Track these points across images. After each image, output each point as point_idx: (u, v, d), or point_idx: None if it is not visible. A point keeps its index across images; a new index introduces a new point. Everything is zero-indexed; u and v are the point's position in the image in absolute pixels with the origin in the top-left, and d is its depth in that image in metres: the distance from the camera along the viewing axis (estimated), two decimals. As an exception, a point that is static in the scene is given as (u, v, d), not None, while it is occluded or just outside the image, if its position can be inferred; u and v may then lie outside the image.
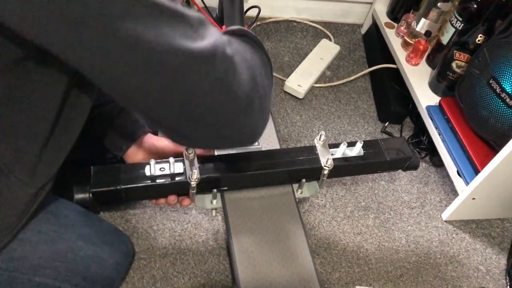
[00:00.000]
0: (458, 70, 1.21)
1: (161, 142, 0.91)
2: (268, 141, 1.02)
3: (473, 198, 1.09)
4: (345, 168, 0.92)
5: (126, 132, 0.89)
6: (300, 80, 1.40)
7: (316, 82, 1.45)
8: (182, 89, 0.49)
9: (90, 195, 0.81)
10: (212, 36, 0.51)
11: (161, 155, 0.88)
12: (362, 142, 0.91)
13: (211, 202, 0.93)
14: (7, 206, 0.65)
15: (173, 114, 0.52)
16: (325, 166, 0.89)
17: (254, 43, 0.61)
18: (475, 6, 1.19)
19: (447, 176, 1.22)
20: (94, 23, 0.42)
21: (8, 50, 0.50)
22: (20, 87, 0.55)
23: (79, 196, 0.81)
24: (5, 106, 0.57)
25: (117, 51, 0.44)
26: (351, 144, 0.93)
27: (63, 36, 0.43)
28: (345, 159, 0.91)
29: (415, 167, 0.98)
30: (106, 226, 0.86)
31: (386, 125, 1.36)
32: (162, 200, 0.88)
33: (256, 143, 1.09)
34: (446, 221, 1.18)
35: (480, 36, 1.14)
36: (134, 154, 0.89)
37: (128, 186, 0.81)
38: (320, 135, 0.92)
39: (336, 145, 0.93)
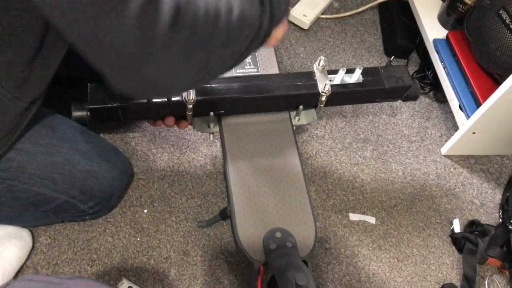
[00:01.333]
0: (468, 2, 1.16)
1: None
2: (267, 67, 1.01)
3: (473, 133, 1.09)
4: (343, 95, 0.92)
5: None
6: (306, 10, 1.37)
7: (322, 13, 1.41)
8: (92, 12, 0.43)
9: (88, 112, 0.82)
10: None
11: None
12: (362, 68, 0.90)
13: (209, 126, 0.94)
14: None
15: (89, 51, 0.47)
16: (322, 92, 0.88)
17: None
18: None
19: (449, 112, 1.21)
20: None
21: None
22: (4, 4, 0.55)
23: (77, 113, 0.82)
24: None
25: None
26: (350, 71, 0.91)
27: None
28: (344, 85, 0.91)
29: (414, 97, 0.97)
30: (104, 144, 0.88)
31: (391, 59, 1.34)
32: (159, 122, 0.89)
33: (255, 69, 1.08)
34: (445, 156, 1.18)
35: (495, -36, 1.09)
36: None
37: (124, 104, 0.81)
38: (319, 61, 0.90)
39: (335, 72, 0.92)
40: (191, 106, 0.84)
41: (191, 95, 0.82)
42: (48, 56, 0.66)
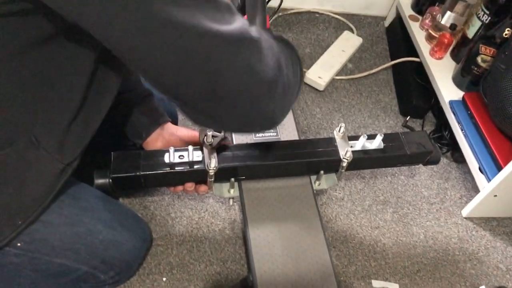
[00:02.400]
0: (483, 65, 1.18)
1: (181, 131, 0.91)
2: (287, 132, 1.02)
3: (495, 195, 1.07)
4: (364, 161, 0.91)
5: (147, 120, 0.90)
6: (321, 72, 1.39)
7: (337, 74, 1.44)
8: (208, 69, 0.50)
9: (110, 180, 0.82)
10: (239, 22, 0.52)
11: (179, 144, 0.89)
12: (383, 135, 0.90)
13: (229, 191, 0.94)
14: (36, 179, 0.67)
15: (198, 94, 0.52)
16: (344, 158, 0.88)
17: (284, 42, 0.63)
18: (503, -1, 1.16)
19: (468, 172, 1.20)
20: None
21: (40, 27, 0.52)
22: (51, 62, 0.57)
23: (99, 181, 0.82)
24: (38, 81, 0.58)
25: (149, 29, 0.45)
26: (371, 137, 0.92)
27: (98, 12, 0.43)
28: (365, 151, 0.91)
29: (436, 161, 0.96)
30: (125, 211, 0.88)
31: (407, 119, 1.35)
32: (179, 187, 0.89)
33: (275, 134, 1.09)
34: (466, 218, 1.16)
35: (508, 30, 1.11)
36: (153, 142, 0.90)
37: (147, 172, 0.82)
38: (340, 127, 0.91)
39: (356, 138, 0.92)
40: (213, 173, 0.84)
41: (213, 162, 0.83)
42: (89, 116, 0.68)
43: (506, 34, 1.12)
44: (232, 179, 0.89)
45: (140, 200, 1.06)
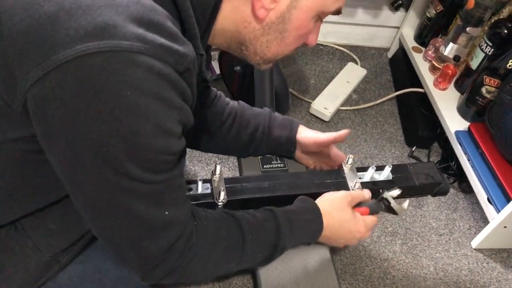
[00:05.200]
0: (488, 96, 1.19)
1: (308, 133, 0.90)
2: (295, 163, 1.02)
3: (505, 227, 1.06)
4: (373, 192, 0.91)
5: (284, 134, 0.89)
6: (326, 103, 1.40)
7: (342, 105, 1.45)
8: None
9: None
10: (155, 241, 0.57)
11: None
12: (391, 166, 0.90)
13: (237, 224, 0.93)
14: (18, 268, 0.66)
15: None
16: (352, 189, 0.88)
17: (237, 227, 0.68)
18: (505, 31, 1.18)
19: (476, 202, 1.19)
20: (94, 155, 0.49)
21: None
22: (36, 163, 0.57)
23: None
24: (26, 176, 0.59)
25: (97, 179, 0.50)
26: (380, 168, 0.92)
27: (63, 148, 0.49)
28: (373, 183, 0.90)
29: (445, 192, 0.96)
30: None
31: (413, 149, 1.35)
32: None
33: (283, 165, 1.10)
34: (476, 249, 1.15)
35: (511, 62, 1.13)
36: (305, 144, 0.90)
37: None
38: (348, 158, 0.91)
39: (364, 169, 0.92)
40: (221, 205, 0.84)
41: (221, 195, 0.82)
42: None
43: (510, 66, 1.13)
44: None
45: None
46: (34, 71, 0.46)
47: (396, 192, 0.80)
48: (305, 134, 0.90)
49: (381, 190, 0.82)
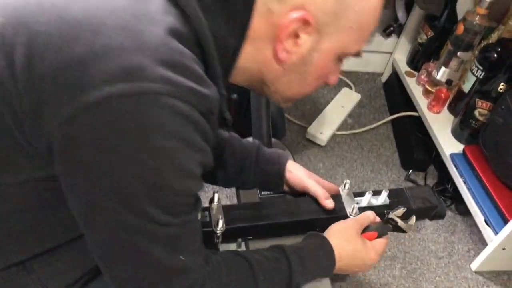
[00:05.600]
0: (481, 118, 1.21)
1: (298, 172, 0.90)
2: (292, 189, 1.02)
3: (503, 249, 1.07)
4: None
5: (274, 168, 0.89)
6: (322, 128, 1.42)
7: (338, 130, 1.46)
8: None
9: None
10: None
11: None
12: (388, 191, 0.91)
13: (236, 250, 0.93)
14: None
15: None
16: (350, 214, 0.88)
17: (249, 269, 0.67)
18: (495, 55, 1.20)
19: (474, 225, 1.20)
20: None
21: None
22: (54, 203, 0.58)
23: None
24: (43, 215, 0.59)
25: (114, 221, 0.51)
26: (376, 193, 0.92)
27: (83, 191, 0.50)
28: (371, 207, 0.91)
29: (441, 216, 0.97)
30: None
31: (409, 172, 1.36)
32: None
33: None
34: (475, 272, 1.15)
35: (502, 85, 1.15)
36: (294, 178, 0.90)
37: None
38: (345, 184, 0.92)
39: (361, 194, 0.93)
40: (220, 234, 0.84)
41: (220, 224, 0.83)
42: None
43: (501, 89, 1.15)
44: (239, 239, 0.89)
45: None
46: (63, 111, 0.47)
47: (401, 211, 0.81)
48: (295, 173, 0.90)
49: (385, 212, 0.83)
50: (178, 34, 0.51)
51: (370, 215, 0.83)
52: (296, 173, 0.90)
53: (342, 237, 0.78)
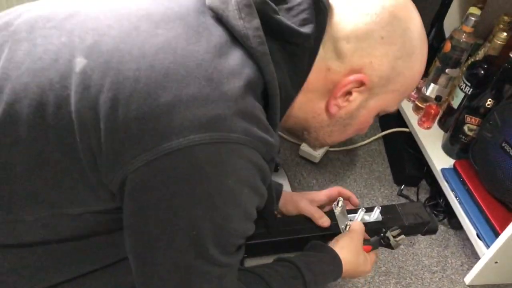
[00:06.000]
0: (470, 133, 1.23)
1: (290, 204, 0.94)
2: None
3: (496, 262, 1.08)
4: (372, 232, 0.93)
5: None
6: (315, 145, 1.44)
7: (331, 146, 1.48)
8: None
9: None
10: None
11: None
12: (380, 208, 0.93)
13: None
14: None
15: None
16: (344, 231, 0.90)
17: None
18: (482, 72, 1.23)
19: (467, 239, 1.21)
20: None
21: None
22: (103, 231, 0.60)
23: None
24: (87, 242, 0.60)
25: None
26: (369, 210, 0.94)
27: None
28: (364, 224, 0.92)
29: (433, 231, 0.98)
30: None
31: (402, 188, 1.37)
32: None
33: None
34: (469, 286, 1.16)
35: (490, 101, 1.17)
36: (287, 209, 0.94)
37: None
38: (338, 201, 0.93)
39: (354, 211, 0.94)
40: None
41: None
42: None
43: (488, 104, 1.18)
44: (235, 257, 0.90)
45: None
46: (144, 155, 0.49)
47: (397, 231, 0.86)
48: (288, 204, 0.94)
49: (383, 229, 0.87)
50: (253, 86, 0.55)
51: (362, 226, 0.87)
52: (288, 203, 0.93)
53: (351, 253, 0.82)
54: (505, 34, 1.16)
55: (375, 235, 0.90)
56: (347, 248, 0.82)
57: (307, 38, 0.59)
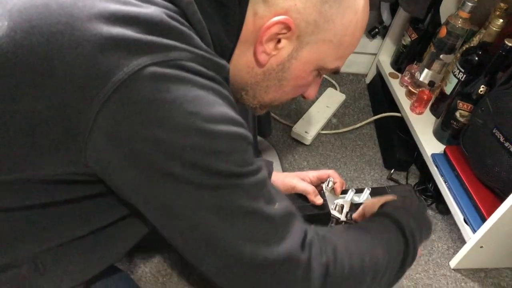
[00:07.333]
0: (462, 119, 1.24)
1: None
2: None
3: (481, 247, 1.09)
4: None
5: None
6: (307, 127, 1.44)
7: (322, 129, 1.48)
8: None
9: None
10: (290, 240, 0.56)
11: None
12: (370, 189, 0.93)
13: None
14: None
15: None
16: (333, 210, 0.90)
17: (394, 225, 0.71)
18: (476, 58, 1.23)
19: (454, 224, 1.22)
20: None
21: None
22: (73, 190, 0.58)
23: None
24: (56, 206, 0.59)
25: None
26: (359, 191, 0.94)
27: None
28: (353, 205, 0.93)
29: (422, 214, 0.99)
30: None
31: (392, 172, 1.38)
32: None
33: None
34: (454, 269, 1.18)
35: (483, 87, 1.18)
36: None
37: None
38: (328, 181, 0.94)
39: (344, 192, 0.94)
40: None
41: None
42: (103, 253, 0.68)
43: (481, 91, 1.18)
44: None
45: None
46: (96, 100, 0.47)
47: None
48: (279, 179, 0.94)
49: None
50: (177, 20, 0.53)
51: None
52: (280, 178, 0.93)
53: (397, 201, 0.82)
54: (501, 20, 1.16)
55: None
56: (391, 202, 0.80)
57: None
